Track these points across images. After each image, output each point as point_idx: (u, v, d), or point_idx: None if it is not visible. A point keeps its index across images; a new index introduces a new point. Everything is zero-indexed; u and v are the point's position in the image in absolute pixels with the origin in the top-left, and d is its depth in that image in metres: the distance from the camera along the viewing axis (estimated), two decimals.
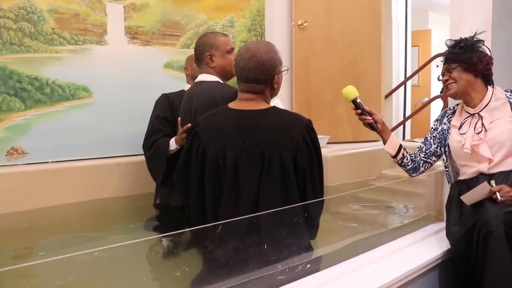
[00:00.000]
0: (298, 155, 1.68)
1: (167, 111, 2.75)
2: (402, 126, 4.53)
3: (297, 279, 1.58)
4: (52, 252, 2.12)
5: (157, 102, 2.83)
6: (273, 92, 1.81)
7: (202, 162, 1.75)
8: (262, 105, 1.76)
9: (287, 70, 1.87)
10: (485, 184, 1.84)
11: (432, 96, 5.10)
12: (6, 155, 2.79)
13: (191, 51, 2.77)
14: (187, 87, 2.87)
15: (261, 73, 1.72)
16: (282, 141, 1.69)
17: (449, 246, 1.98)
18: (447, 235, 2.02)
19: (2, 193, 2.62)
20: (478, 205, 1.85)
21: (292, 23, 3.89)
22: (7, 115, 2.78)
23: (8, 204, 2.63)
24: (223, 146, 1.71)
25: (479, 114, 2.02)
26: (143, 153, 2.76)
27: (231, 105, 1.80)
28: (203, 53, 2.28)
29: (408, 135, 4.73)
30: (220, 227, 1.53)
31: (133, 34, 3.22)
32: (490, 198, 1.83)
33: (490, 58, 2.05)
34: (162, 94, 2.85)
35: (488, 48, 2.07)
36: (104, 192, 2.99)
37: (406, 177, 2.28)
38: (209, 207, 1.75)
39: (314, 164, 1.73)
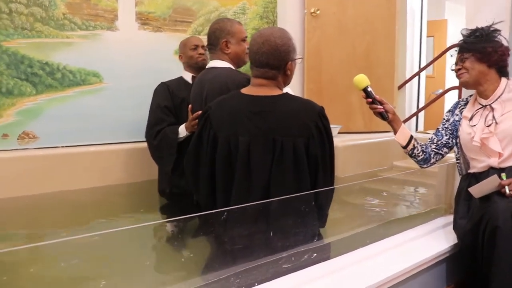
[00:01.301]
0: (310, 141, 1.67)
1: (168, 100, 2.73)
2: (415, 117, 4.48)
3: (304, 268, 1.57)
4: (57, 235, 2.13)
5: (156, 91, 2.81)
6: (286, 79, 1.79)
7: (213, 147, 1.74)
8: (275, 91, 1.75)
9: (302, 59, 1.85)
10: (495, 177, 1.80)
11: (446, 87, 5.02)
12: (18, 139, 2.81)
13: (203, 38, 2.75)
14: (184, 74, 2.86)
15: (274, 57, 1.71)
16: (295, 127, 1.67)
17: (456, 240, 1.95)
18: (454, 228, 1.99)
19: (13, 177, 2.65)
20: (486, 198, 1.81)
21: (305, 11, 3.85)
22: (18, 100, 2.80)
23: (19, 188, 2.66)
24: (235, 131, 1.70)
25: (490, 106, 1.98)
26: None
27: (244, 90, 1.78)
28: (218, 38, 2.27)
29: (421, 127, 4.67)
30: (226, 213, 1.52)
31: (144, 20, 3.20)
32: (499, 192, 1.79)
33: (507, 48, 1.99)
34: (161, 83, 2.83)
35: (505, 39, 2.01)
36: (113, 177, 3.01)
37: (417, 169, 2.25)
38: (219, 192, 1.74)
39: (326, 151, 1.72)
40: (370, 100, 1.99)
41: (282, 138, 1.66)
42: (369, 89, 1.98)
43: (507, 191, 1.76)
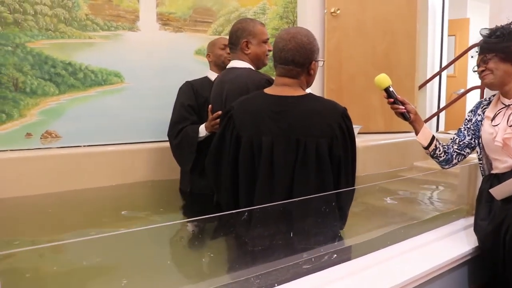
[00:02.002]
0: (334, 142, 1.67)
1: (192, 99, 2.76)
2: (436, 117, 4.43)
3: (324, 269, 1.56)
4: (80, 234, 2.16)
5: (181, 89, 2.84)
6: (310, 79, 1.80)
7: (235, 147, 1.74)
8: (298, 92, 1.75)
9: (323, 62, 1.85)
10: None
11: (468, 87, 4.95)
12: (41, 138, 2.86)
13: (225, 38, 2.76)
14: (210, 73, 2.87)
15: (300, 55, 1.71)
16: (318, 128, 1.68)
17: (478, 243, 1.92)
18: (475, 230, 1.95)
19: (37, 175, 2.70)
20: (508, 200, 1.78)
21: (325, 11, 3.83)
22: (42, 99, 2.85)
23: (42, 186, 2.71)
24: (258, 131, 1.71)
25: None
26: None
27: (267, 90, 1.79)
28: (239, 38, 2.27)
29: (442, 127, 4.62)
30: (246, 213, 1.52)
31: (165, 20, 3.23)
32: None
33: None
34: (186, 82, 2.85)
35: None
36: (133, 176, 3.04)
37: (438, 169, 2.22)
38: (242, 192, 1.75)
39: (348, 152, 1.72)
40: (392, 100, 1.97)
41: (305, 138, 1.66)
42: (391, 89, 1.96)
43: None
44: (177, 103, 2.80)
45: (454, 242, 1.95)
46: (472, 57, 2.21)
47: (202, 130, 2.57)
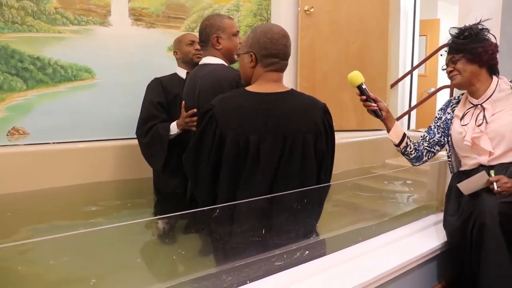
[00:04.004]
0: (318, 137, 1.69)
1: (161, 96, 2.70)
2: (407, 116, 4.50)
3: (297, 265, 1.56)
4: (48, 232, 2.11)
5: (150, 86, 2.78)
6: None
7: (218, 146, 1.70)
8: (282, 87, 1.76)
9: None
10: (483, 173, 1.81)
11: (438, 86, 5.04)
12: (7, 135, 2.77)
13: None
14: (179, 70, 2.83)
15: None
16: (304, 124, 1.69)
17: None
18: (444, 225, 2.00)
19: (2, 173, 2.62)
20: (475, 195, 1.82)
21: (299, 9, 3.84)
22: (8, 95, 2.76)
23: (8, 185, 2.62)
24: (244, 129, 1.68)
25: (481, 106, 1.99)
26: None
27: (251, 88, 1.77)
28: (209, 35, 2.25)
29: (413, 125, 4.69)
30: (218, 210, 1.51)
31: (137, 16, 3.18)
32: (488, 189, 1.80)
33: (496, 46, 1.99)
34: (155, 78, 2.80)
35: (494, 36, 2.02)
36: (104, 174, 2.98)
37: (409, 166, 2.26)
38: (223, 190, 1.71)
39: (329, 147, 1.75)
40: (364, 97, 1.98)
41: (292, 135, 1.66)
42: (364, 86, 1.97)
43: (495, 187, 1.76)
44: (146, 100, 2.73)
45: (424, 237, 1.99)
46: (441, 55, 2.25)
47: (174, 128, 2.52)
